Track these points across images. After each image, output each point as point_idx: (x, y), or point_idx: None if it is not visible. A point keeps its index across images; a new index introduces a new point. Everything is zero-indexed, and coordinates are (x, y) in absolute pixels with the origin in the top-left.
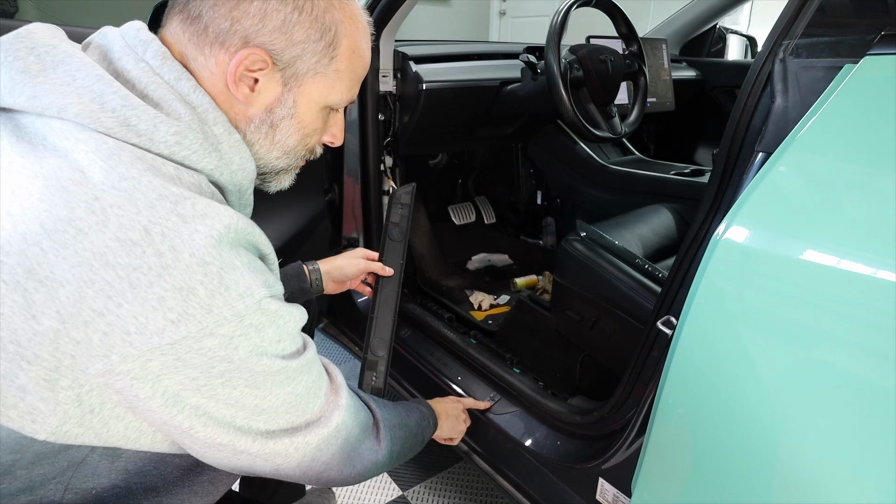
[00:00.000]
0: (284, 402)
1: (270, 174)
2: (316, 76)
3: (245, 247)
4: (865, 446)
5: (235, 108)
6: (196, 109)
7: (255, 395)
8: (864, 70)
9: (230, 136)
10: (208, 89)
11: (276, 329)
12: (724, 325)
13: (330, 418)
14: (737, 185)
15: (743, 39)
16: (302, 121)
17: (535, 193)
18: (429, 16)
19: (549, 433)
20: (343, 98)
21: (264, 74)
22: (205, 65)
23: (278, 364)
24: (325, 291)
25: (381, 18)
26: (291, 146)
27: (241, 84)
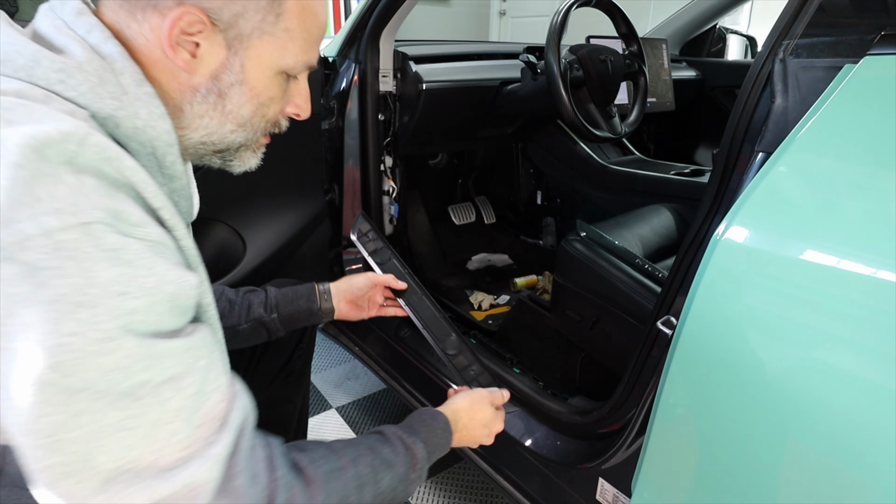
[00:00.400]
0: (118, 422)
1: (229, 151)
2: (263, 36)
3: (99, 175)
4: (865, 446)
5: (179, 78)
6: (105, 59)
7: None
8: (864, 70)
9: (139, 88)
10: (144, 58)
11: (119, 275)
12: (724, 325)
13: (184, 468)
14: (737, 185)
15: (743, 39)
16: (254, 88)
17: (535, 193)
18: (429, 16)
19: (549, 433)
20: (298, 61)
21: (204, 37)
22: (139, 31)
23: (115, 332)
24: (340, 315)
25: (381, 18)
26: (246, 117)
27: (179, 49)
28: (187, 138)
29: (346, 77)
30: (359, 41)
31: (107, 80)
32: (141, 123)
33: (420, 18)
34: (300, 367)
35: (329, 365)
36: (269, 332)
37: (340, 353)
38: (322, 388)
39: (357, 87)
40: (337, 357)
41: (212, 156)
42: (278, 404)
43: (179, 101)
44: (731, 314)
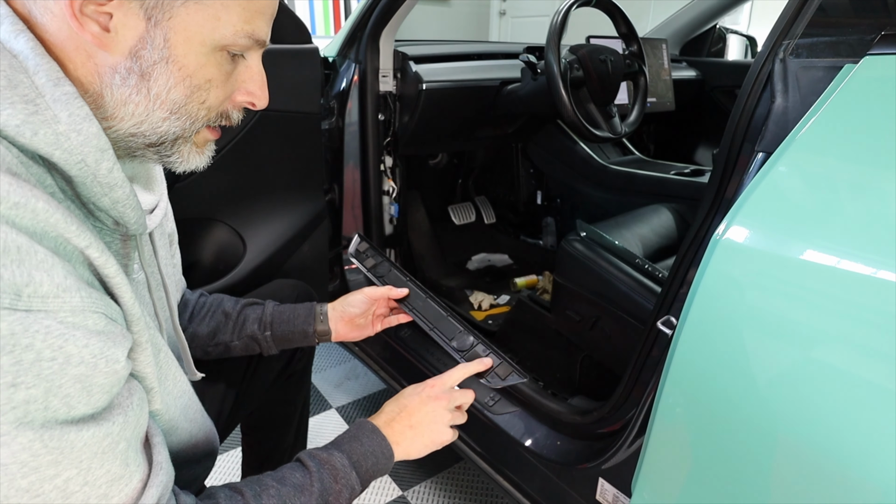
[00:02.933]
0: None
1: (165, 145)
2: (188, 4)
3: (11, 225)
4: (865, 446)
5: (96, 58)
6: (17, 57)
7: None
8: (864, 70)
9: (56, 88)
10: (52, 37)
11: (11, 363)
12: (724, 325)
13: None
14: (737, 185)
15: (743, 39)
16: (184, 67)
17: (535, 193)
18: (429, 16)
19: (549, 433)
20: (237, 33)
21: (117, 6)
22: (45, 7)
23: (6, 427)
24: (338, 337)
25: (381, 18)
26: (179, 102)
27: (88, 22)
28: (114, 130)
29: (346, 77)
30: (359, 41)
31: (18, 81)
32: (63, 128)
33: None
34: (301, 369)
35: (329, 365)
36: (262, 349)
37: (340, 353)
38: (322, 388)
39: (357, 87)
40: (337, 357)
41: (145, 150)
42: (279, 405)
43: (99, 87)
44: (731, 314)
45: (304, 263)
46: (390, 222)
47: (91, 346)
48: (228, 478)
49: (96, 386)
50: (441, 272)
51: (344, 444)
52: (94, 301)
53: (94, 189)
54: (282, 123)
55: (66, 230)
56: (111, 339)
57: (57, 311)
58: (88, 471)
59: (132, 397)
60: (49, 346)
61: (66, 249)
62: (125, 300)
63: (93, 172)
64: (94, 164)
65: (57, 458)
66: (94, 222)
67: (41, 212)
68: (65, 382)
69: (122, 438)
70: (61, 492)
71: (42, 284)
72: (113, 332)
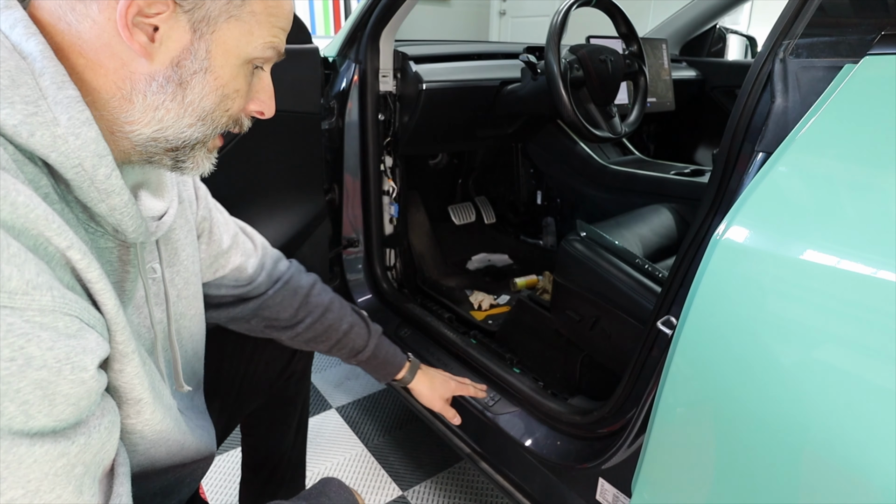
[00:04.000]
0: None
1: (184, 149)
2: (230, 20)
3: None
4: (866, 446)
5: (131, 66)
6: (25, 58)
7: None
8: (864, 70)
9: (60, 91)
10: (85, 43)
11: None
12: (724, 325)
13: None
14: (737, 185)
15: (743, 39)
16: (220, 77)
17: (535, 193)
18: (429, 16)
19: (549, 433)
20: (265, 46)
21: (165, 19)
22: (85, 14)
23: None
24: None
25: (381, 18)
26: (207, 110)
27: (136, 32)
28: (137, 134)
29: (346, 77)
30: (359, 41)
31: (21, 82)
32: (62, 131)
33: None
34: (301, 369)
35: (329, 365)
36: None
37: None
38: (322, 388)
39: (357, 87)
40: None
41: (163, 155)
42: (279, 405)
43: (129, 92)
44: (730, 314)
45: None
46: (390, 222)
47: (56, 349)
48: (228, 478)
49: (60, 395)
50: (441, 272)
51: (312, 499)
52: (66, 302)
53: (90, 194)
54: (282, 123)
55: (47, 228)
56: (81, 346)
57: (24, 309)
58: (36, 493)
59: (103, 418)
60: (9, 346)
61: (45, 249)
62: (108, 307)
63: (90, 177)
64: (92, 168)
65: (1, 474)
66: (93, 227)
67: (21, 206)
68: (23, 387)
69: (80, 462)
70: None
71: (10, 279)
72: (86, 338)
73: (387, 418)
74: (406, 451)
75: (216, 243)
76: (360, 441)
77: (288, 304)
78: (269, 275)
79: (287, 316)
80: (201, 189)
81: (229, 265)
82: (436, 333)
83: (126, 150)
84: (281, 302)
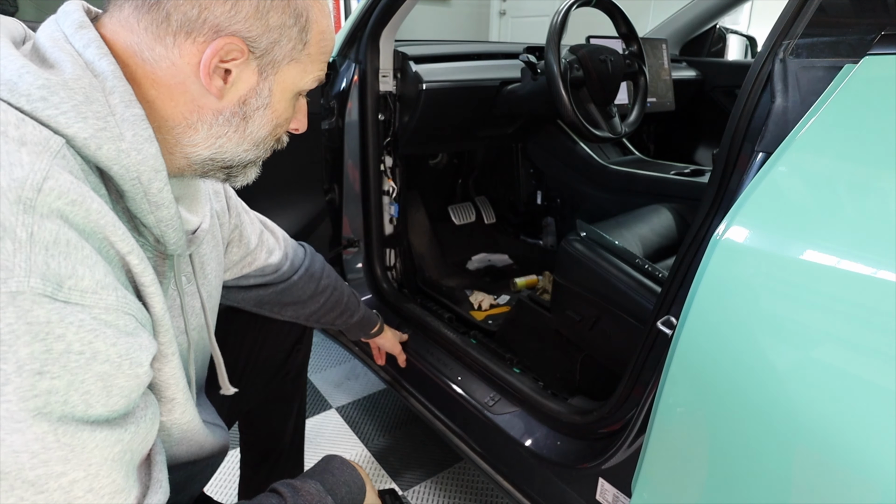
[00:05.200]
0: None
1: (237, 167)
2: (291, 62)
3: (63, 220)
4: (866, 446)
5: (201, 101)
6: (97, 77)
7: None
8: (864, 70)
9: (127, 110)
10: (159, 78)
11: (40, 351)
12: (724, 325)
13: None
14: (737, 185)
15: (743, 39)
16: (276, 111)
17: (535, 193)
18: (429, 16)
19: (549, 433)
20: (313, 81)
21: (238, 64)
22: (164, 55)
23: (23, 415)
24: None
25: (381, 18)
26: (262, 137)
27: (214, 76)
28: (196, 155)
29: (346, 77)
30: (359, 41)
31: (94, 98)
32: (126, 146)
33: (420, 18)
34: (297, 368)
35: (329, 365)
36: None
37: (340, 353)
38: (322, 388)
39: (357, 87)
40: (337, 357)
41: (218, 171)
42: (276, 403)
43: (195, 121)
44: (731, 314)
45: None
46: (390, 222)
47: (119, 345)
48: (227, 475)
49: (116, 387)
50: (441, 272)
51: (316, 475)
52: (127, 302)
53: (142, 206)
54: None
55: (113, 234)
56: (138, 343)
57: (92, 307)
58: (96, 477)
59: (147, 410)
60: (80, 340)
61: (108, 252)
62: (156, 309)
63: (144, 190)
64: (147, 182)
65: (67, 455)
66: (137, 237)
67: (94, 212)
68: (87, 378)
69: (129, 449)
70: (65, 493)
71: (83, 279)
72: (141, 336)
73: (387, 418)
74: (406, 451)
75: (245, 245)
76: (360, 441)
77: (307, 288)
78: (291, 263)
79: (306, 298)
80: (232, 198)
81: (256, 262)
82: (436, 333)
83: (181, 167)
84: (302, 286)
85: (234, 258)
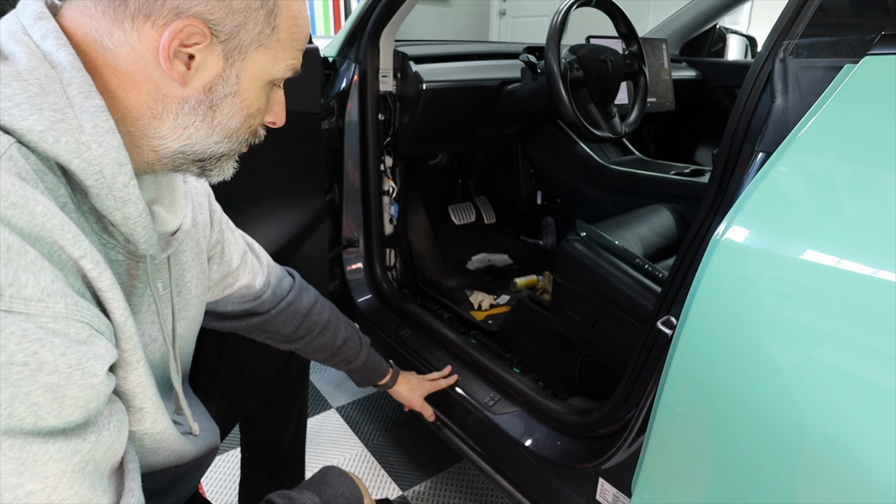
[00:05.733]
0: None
1: (210, 160)
2: (259, 48)
3: (7, 225)
4: (866, 446)
5: (164, 89)
6: (55, 68)
7: None
8: (865, 70)
9: (86, 101)
10: (120, 66)
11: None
12: (724, 325)
13: None
14: (737, 185)
15: (743, 39)
16: (246, 99)
17: (535, 193)
18: (429, 16)
19: (549, 433)
20: (286, 68)
21: (202, 49)
22: (124, 40)
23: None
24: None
25: (381, 18)
26: (234, 128)
27: (175, 61)
28: (164, 148)
29: (346, 77)
30: (359, 41)
31: (50, 90)
32: (86, 138)
33: (420, 18)
34: (299, 369)
35: None
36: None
37: None
38: (322, 388)
39: (357, 87)
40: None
41: (190, 165)
42: (278, 405)
43: (160, 111)
44: (731, 314)
45: (305, 263)
46: (390, 222)
47: (69, 355)
48: (228, 477)
49: (69, 398)
50: (441, 272)
51: (313, 487)
52: (79, 310)
53: (107, 202)
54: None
55: (62, 237)
56: (92, 352)
57: (38, 316)
58: (55, 489)
59: (111, 418)
60: (23, 350)
61: (59, 257)
62: (116, 315)
63: (108, 185)
64: (111, 176)
65: (18, 468)
66: (106, 238)
67: (38, 215)
68: (34, 390)
69: (92, 459)
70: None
71: (27, 286)
72: (96, 344)
73: (387, 418)
74: (406, 451)
75: (227, 263)
76: (360, 441)
77: (289, 323)
78: (273, 292)
79: (287, 332)
80: (216, 212)
81: (237, 283)
82: (436, 333)
83: (150, 161)
84: (284, 321)
85: (214, 276)
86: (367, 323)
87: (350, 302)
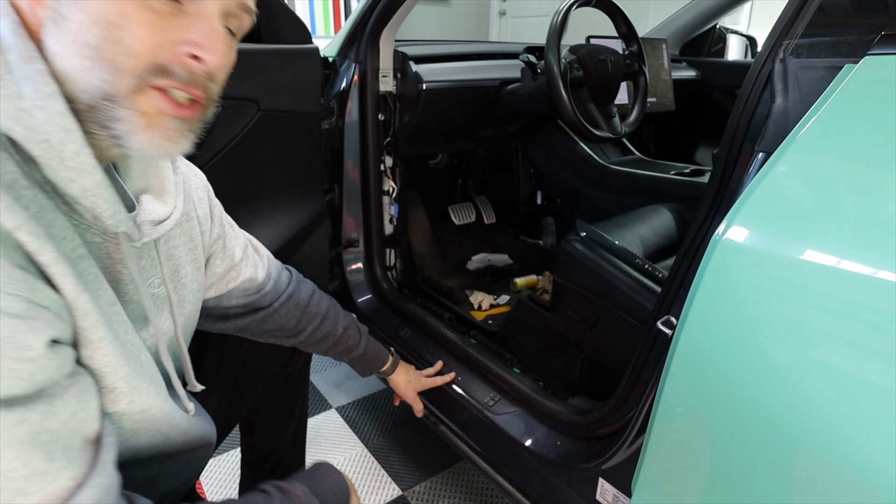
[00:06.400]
0: None
1: (102, 110)
2: None
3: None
4: (866, 446)
5: (36, 14)
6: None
7: None
8: (864, 70)
9: (27, 66)
10: (27, 20)
11: None
12: (724, 325)
13: None
14: (737, 185)
15: (743, 39)
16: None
17: (535, 193)
18: (429, 16)
19: (549, 433)
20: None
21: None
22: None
23: None
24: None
25: (381, 18)
26: (94, 43)
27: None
28: (77, 105)
29: (346, 77)
30: (359, 41)
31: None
32: (26, 104)
33: (420, 18)
34: (299, 369)
35: (329, 365)
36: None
37: None
38: (322, 388)
39: (357, 87)
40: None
41: (95, 127)
42: (278, 405)
43: (51, 55)
44: (731, 314)
45: (305, 263)
46: (390, 222)
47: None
48: (228, 477)
49: (4, 370)
50: (441, 272)
51: (303, 479)
52: (11, 282)
53: (61, 173)
54: (282, 123)
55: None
56: (29, 325)
57: None
58: (0, 459)
59: (70, 389)
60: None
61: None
62: (66, 291)
63: (58, 154)
64: (60, 144)
65: None
66: (77, 218)
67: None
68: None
69: (45, 430)
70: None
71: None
72: (34, 318)
73: (387, 418)
74: (406, 451)
75: (229, 257)
76: (360, 441)
77: (291, 316)
78: (275, 284)
79: (291, 326)
80: (216, 207)
81: (241, 276)
82: (436, 333)
83: (97, 135)
84: (286, 314)
85: (217, 271)
86: (367, 323)
87: (350, 302)
